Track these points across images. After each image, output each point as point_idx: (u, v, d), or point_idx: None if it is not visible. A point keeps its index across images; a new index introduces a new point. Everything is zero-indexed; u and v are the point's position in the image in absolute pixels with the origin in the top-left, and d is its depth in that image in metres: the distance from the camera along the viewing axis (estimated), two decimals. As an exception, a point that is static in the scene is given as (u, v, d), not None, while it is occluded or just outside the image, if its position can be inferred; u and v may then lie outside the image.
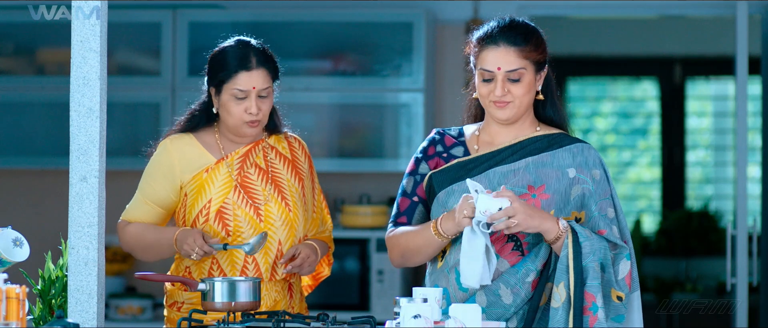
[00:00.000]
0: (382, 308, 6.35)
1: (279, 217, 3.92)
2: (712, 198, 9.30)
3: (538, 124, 3.66)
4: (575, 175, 3.56)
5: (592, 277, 3.42)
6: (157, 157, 3.96)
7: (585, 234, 3.44)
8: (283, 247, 3.92)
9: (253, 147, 3.97)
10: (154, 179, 3.95)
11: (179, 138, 3.96)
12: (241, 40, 3.95)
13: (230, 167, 3.92)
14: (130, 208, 3.97)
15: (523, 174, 3.56)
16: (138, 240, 3.93)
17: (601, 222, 3.52)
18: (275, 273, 3.93)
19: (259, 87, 3.87)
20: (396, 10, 6.69)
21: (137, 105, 6.75)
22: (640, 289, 3.62)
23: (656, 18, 9.02)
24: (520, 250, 3.55)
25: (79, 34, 3.33)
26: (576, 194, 3.55)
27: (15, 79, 6.83)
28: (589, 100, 9.50)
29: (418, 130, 6.59)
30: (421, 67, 6.59)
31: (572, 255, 3.42)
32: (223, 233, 3.88)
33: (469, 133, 3.70)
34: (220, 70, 3.89)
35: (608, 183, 3.59)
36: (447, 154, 3.67)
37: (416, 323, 3.18)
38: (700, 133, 9.39)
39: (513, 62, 3.53)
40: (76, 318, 3.29)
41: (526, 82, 3.55)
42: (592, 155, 3.60)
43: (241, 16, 6.68)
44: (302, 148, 4.08)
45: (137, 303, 6.66)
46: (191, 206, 3.90)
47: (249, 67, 3.86)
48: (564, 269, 3.42)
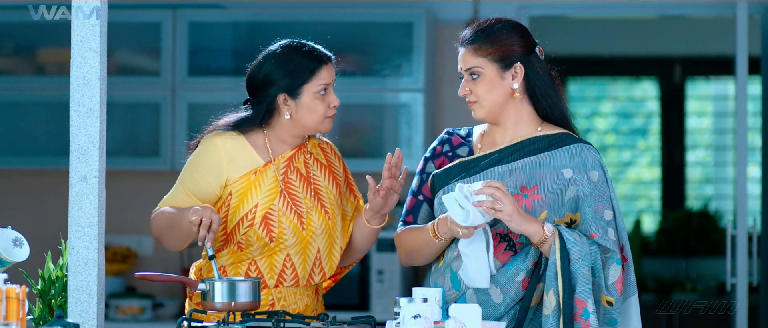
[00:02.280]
0: (382, 308, 6.36)
1: (320, 225, 3.90)
2: (712, 198, 9.30)
3: (540, 124, 3.66)
4: (571, 176, 3.55)
5: (582, 283, 3.41)
6: (204, 151, 3.91)
7: (573, 239, 3.43)
8: (322, 254, 3.92)
9: (297, 151, 3.95)
10: (199, 172, 3.89)
11: (229, 135, 3.91)
12: (297, 41, 3.95)
13: (277, 170, 3.90)
14: (168, 197, 3.90)
15: (518, 174, 3.56)
16: (164, 218, 3.84)
17: (594, 225, 3.50)
18: (312, 279, 3.92)
19: (334, 78, 3.92)
20: (396, 10, 6.70)
21: (137, 105, 6.75)
22: (637, 292, 3.61)
23: (656, 18, 9.02)
24: (513, 249, 3.55)
25: (79, 34, 3.33)
26: (571, 196, 3.54)
27: (15, 79, 6.83)
28: (589, 100, 9.50)
29: (418, 130, 6.59)
30: (421, 67, 6.59)
31: (560, 262, 3.41)
32: (266, 238, 3.85)
33: (477, 133, 3.73)
34: (299, 73, 3.87)
35: (607, 185, 3.57)
36: (452, 153, 3.70)
37: (416, 323, 3.18)
38: (700, 133, 9.39)
39: (468, 61, 3.60)
40: (76, 318, 3.29)
41: (486, 81, 3.58)
42: (591, 156, 3.58)
43: (241, 16, 6.68)
44: (334, 152, 4.06)
45: (137, 303, 6.66)
46: (236, 207, 3.87)
47: (327, 60, 3.90)
48: (553, 276, 3.41)
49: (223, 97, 4.14)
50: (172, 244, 3.88)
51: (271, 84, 3.88)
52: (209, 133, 3.94)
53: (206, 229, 3.68)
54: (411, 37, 6.59)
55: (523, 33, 3.62)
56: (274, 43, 3.95)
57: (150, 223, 3.92)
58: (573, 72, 9.34)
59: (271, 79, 3.88)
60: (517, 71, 3.59)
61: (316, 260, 3.91)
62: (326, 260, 3.93)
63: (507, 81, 3.59)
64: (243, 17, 6.68)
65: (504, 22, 3.63)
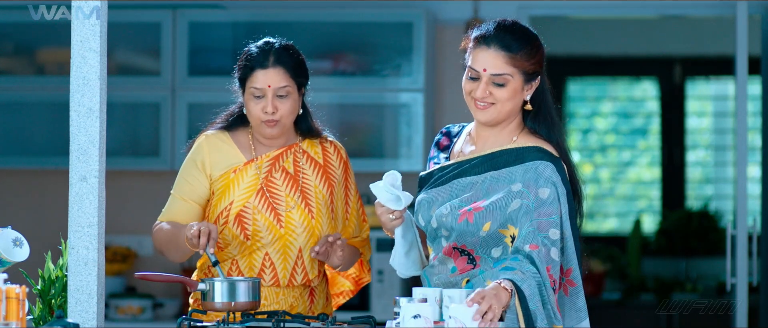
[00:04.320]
0: (382, 308, 6.35)
1: (301, 224, 3.90)
2: (712, 198, 9.29)
3: (518, 134, 3.60)
4: (519, 189, 3.48)
5: (540, 320, 3.33)
6: (192, 152, 3.96)
7: (519, 277, 3.33)
8: (303, 254, 3.91)
9: (285, 151, 3.95)
10: (189, 174, 3.93)
11: (214, 135, 3.96)
12: (266, 40, 3.95)
13: (259, 169, 3.91)
14: (166, 209, 3.95)
15: (478, 188, 3.54)
16: (164, 234, 3.88)
17: (532, 237, 3.41)
18: (294, 279, 3.91)
19: (275, 86, 3.86)
20: (396, 10, 6.69)
21: (137, 105, 6.75)
22: (588, 317, 3.53)
23: (656, 18, 9.02)
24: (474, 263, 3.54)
25: (79, 34, 3.33)
26: (513, 208, 3.47)
27: (15, 79, 6.83)
28: (589, 100, 9.50)
29: (418, 130, 6.59)
30: (421, 67, 6.59)
31: (523, 319, 3.33)
32: (241, 236, 3.86)
33: (466, 131, 3.71)
34: (241, 69, 3.90)
35: (559, 204, 3.47)
36: (436, 158, 3.71)
37: (416, 323, 3.18)
38: (700, 133, 9.39)
39: (500, 66, 3.51)
40: (76, 318, 3.29)
41: (511, 89, 3.52)
42: (546, 174, 3.49)
43: (241, 16, 6.68)
44: (338, 154, 4.04)
45: (137, 303, 6.66)
46: (215, 205, 3.89)
47: (265, 66, 3.87)
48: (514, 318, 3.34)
49: (223, 97, 4.15)
50: (174, 257, 3.93)
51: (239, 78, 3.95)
52: (200, 134, 3.98)
53: (206, 236, 3.69)
54: (411, 37, 6.59)
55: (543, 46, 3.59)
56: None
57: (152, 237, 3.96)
58: (573, 72, 9.33)
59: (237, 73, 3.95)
60: (533, 85, 3.57)
61: (298, 259, 3.90)
62: (310, 259, 3.92)
63: (525, 92, 3.57)
64: (243, 17, 6.68)
65: (533, 34, 3.56)
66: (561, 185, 3.49)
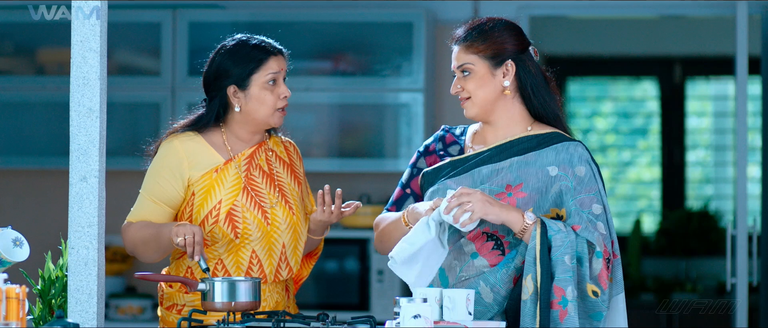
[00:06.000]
0: (382, 308, 6.36)
1: (284, 220, 3.92)
2: (712, 198, 9.30)
3: (531, 123, 3.66)
4: (557, 173, 3.56)
5: (562, 270, 3.41)
6: (164, 154, 3.93)
7: (556, 228, 3.44)
8: (287, 250, 3.93)
9: (257, 149, 3.96)
10: (162, 177, 3.91)
11: (187, 136, 3.94)
12: (247, 35, 3.96)
13: (239, 167, 3.92)
14: (135, 209, 3.93)
15: (505, 174, 3.58)
16: (139, 234, 3.87)
17: (577, 217, 3.50)
18: (279, 275, 3.93)
19: (284, 69, 3.93)
20: (396, 10, 6.70)
21: (137, 105, 6.75)
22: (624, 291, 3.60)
23: (656, 18, 9.02)
24: (501, 249, 3.56)
25: (79, 34, 3.33)
26: (554, 192, 3.55)
27: (15, 79, 6.83)
28: (589, 100, 9.50)
29: (418, 130, 6.59)
30: (421, 67, 6.59)
31: (539, 247, 3.42)
32: (231, 234, 3.86)
33: (470, 132, 3.74)
34: (247, 63, 3.89)
35: (596, 181, 3.57)
36: (444, 151, 3.73)
37: (416, 323, 3.18)
38: (700, 133, 9.39)
39: (461, 58, 3.64)
40: (76, 318, 3.29)
41: (478, 77, 3.61)
42: (578, 153, 3.59)
43: (240, 16, 6.68)
44: (296, 152, 4.10)
45: (137, 303, 6.66)
46: (200, 205, 3.88)
47: (275, 52, 3.92)
48: (532, 262, 3.42)
49: (223, 97, 4.14)
50: (148, 258, 3.92)
51: (222, 77, 3.92)
52: (167, 136, 3.96)
53: (192, 246, 3.69)
54: (411, 37, 6.59)
55: (516, 32, 3.65)
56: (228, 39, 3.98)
57: (122, 235, 3.93)
58: (573, 72, 9.34)
59: (222, 72, 3.92)
60: (508, 69, 3.61)
61: (282, 255, 3.92)
62: (292, 255, 3.95)
63: (498, 78, 3.61)
64: (243, 17, 6.68)
65: (496, 21, 3.66)
66: (593, 163, 3.60)
